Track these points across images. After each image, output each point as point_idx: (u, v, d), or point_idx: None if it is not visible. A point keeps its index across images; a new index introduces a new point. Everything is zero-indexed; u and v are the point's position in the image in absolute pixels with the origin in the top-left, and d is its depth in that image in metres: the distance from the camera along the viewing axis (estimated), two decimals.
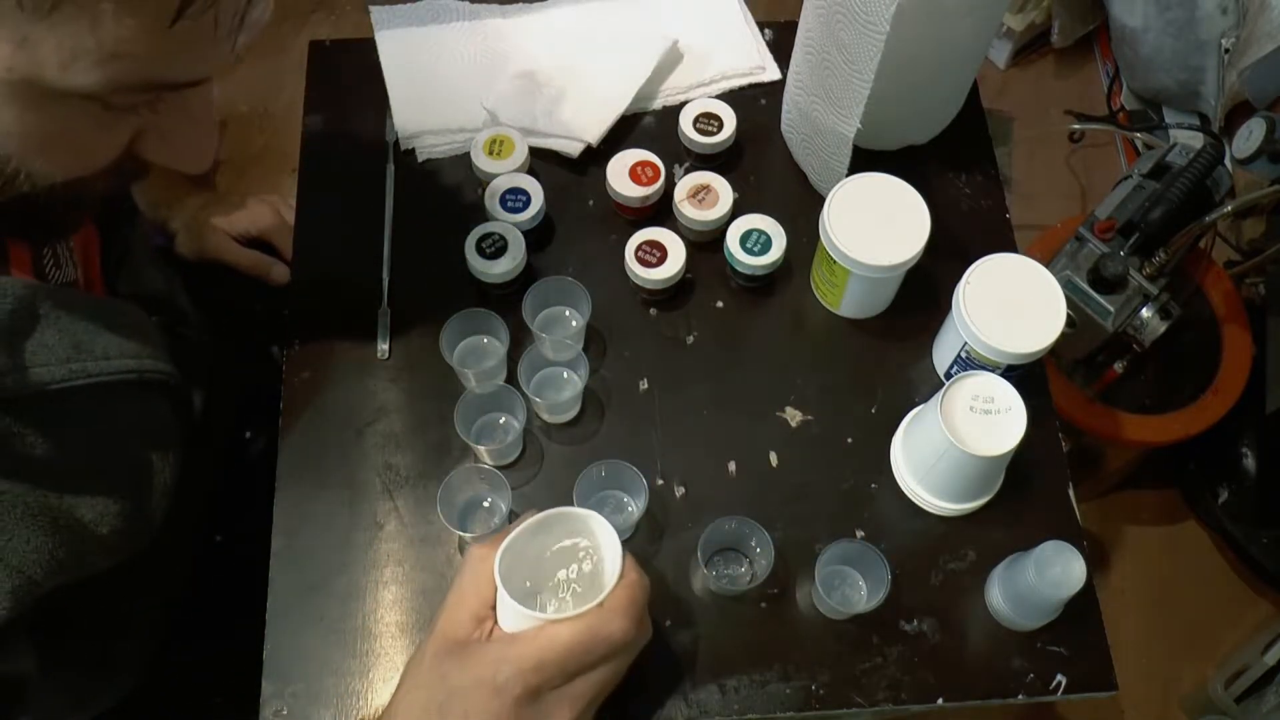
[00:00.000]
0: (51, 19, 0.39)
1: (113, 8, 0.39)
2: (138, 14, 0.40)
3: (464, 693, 0.54)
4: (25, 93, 0.42)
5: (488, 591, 0.57)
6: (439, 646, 0.56)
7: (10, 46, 0.40)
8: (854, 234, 0.72)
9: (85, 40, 0.40)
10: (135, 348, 0.59)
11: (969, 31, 0.75)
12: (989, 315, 0.69)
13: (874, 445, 0.75)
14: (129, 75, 0.43)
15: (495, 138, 0.82)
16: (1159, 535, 1.59)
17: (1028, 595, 0.65)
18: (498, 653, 0.55)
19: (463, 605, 0.57)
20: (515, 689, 0.53)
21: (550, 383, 0.76)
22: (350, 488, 0.73)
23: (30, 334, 0.53)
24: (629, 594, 0.56)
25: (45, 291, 0.55)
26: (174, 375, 0.63)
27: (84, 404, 0.56)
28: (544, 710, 0.55)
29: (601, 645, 0.55)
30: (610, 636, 0.55)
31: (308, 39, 0.93)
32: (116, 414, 0.59)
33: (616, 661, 0.57)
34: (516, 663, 0.54)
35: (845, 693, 0.67)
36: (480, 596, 0.57)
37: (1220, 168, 1.18)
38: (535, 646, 0.54)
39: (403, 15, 0.92)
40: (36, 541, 0.52)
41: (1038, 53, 1.96)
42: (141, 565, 0.66)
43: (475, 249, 0.77)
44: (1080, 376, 1.38)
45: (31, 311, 0.53)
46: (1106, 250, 1.20)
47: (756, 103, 0.90)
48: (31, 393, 0.52)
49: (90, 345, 0.56)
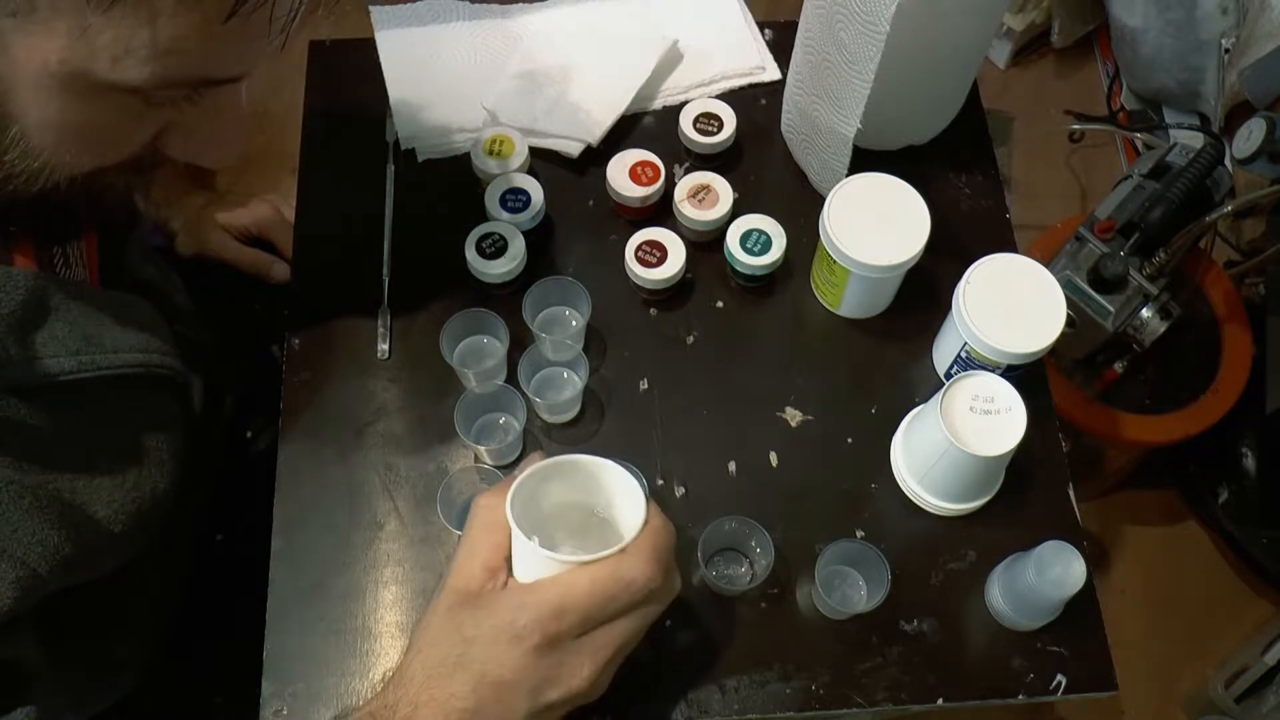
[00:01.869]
0: (112, 12, 0.39)
1: (173, 3, 0.39)
2: (196, 9, 0.40)
3: (481, 643, 0.52)
4: (73, 86, 0.42)
5: (500, 538, 0.55)
6: (452, 600, 0.54)
7: (67, 39, 0.40)
8: (854, 234, 0.72)
9: (140, 35, 0.40)
10: (144, 342, 0.60)
11: (969, 31, 0.75)
12: (989, 315, 0.69)
13: (874, 445, 0.75)
14: (178, 71, 0.43)
15: (495, 138, 0.82)
16: (1159, 535, 1.59)
17: (1028, 595, 0.65)
18: (515, 600, 0.52)
19: (474, 556, 0.55)
20: (534, 636, 0.51)
21: (550, 383, 0.76)
22: (350, 488, 0.73)
23: (41, 326, 0.53)
24: (653, 540, 0.53)
25: (56, 284, 0.55)
26: (180, 371, 0.63)
27: (92, 396, 0.56)
28: (564, 660, 0.52)
29: (625, 592, 0.52)
30: (634, 582, 0.52)
31: (308, 39, 0.93)
32: (124, 407, 0.59)
33: (641, 612, 0.54)
34: (535, 609, 0.51)
35: (845, 693, 0.67)
36: (492, 544, 0.55)
37: (1220, 168, 1.18)
38: (555, 592, 0.52)
39: (403, 15, 0.92)
40: (42, 535, 0.52)
41: (1038, 53, 1.96)
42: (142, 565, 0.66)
43: (475, 249, 0.77)
44: (1080, 376, 1.38)
45: (42, 303, 0.53)
46: (1106, 250, 1.20)
47: (756, 103, 0.90)
48: (41, 383, 0.52)
49: (100, 338, 0.56)
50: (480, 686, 0.51)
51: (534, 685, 0.52)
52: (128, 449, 0.60)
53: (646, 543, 0.53)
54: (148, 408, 0.62)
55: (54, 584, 0.55)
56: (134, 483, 0.60)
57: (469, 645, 0.52)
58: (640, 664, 0.67)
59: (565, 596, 0.51)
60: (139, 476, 0.60)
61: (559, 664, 0.52)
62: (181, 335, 0.75)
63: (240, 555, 0.76)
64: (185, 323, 0.79)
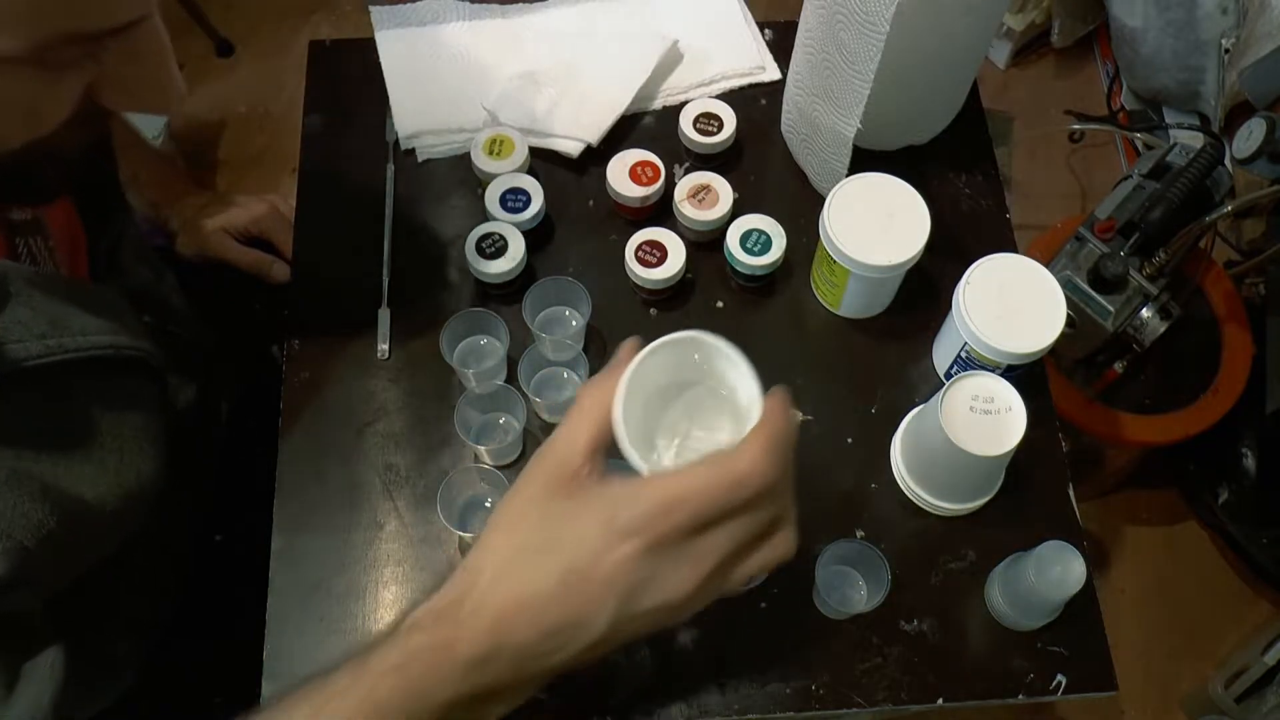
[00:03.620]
0: None
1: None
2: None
3: (574, 534, 0.46)
4: None
5: (604, 427, 0.48)
6: (541, 484, 0.48)
7: None
8: (854, 234, 0.72)
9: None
10: (111, 325, 0.59)
11: (969, 31, 0.75)
12: (989, 315, 0.69)
13: (874, 445, 0.75)
14: (52, 30, 0.42)
15: (495, 138, 0.82)
16: (1159, 535, 1.59)
17: (1028, 595, 0.65)
18: (618, 492, 0.46)
19: (574, 441, 0.48)
20: (637, 535, 0.45)
21: (550, 383, 0.76)
22: (350, 488, 0.73)
23: (1, 310, 0.52)
24: (769, 431, 0.47)
25: (16, 270, 0.54)
26: (153, 354, 0.63)
27: (63, 380, 0.56)
28: (665, 570, 0.46)
29: (740, 490, 0.45)
30: (749, 481, 0.45)
31: (308, 39, 0.93)
32: (97, 391, 0.59)
33: (754, 516, 0.47)
34: (642, 504, 0.45)
35: (845, 693, 0.67)
36: (594, 431, 0.48)
37: (1220, 168, 1.18)
38: (662, 488, 0.45)
39: (403, 15, 0.92)
40: (24, 507, 0.52)
41: (1038, 53, 1.96)
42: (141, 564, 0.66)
43: (475, 249, 0.77)
44: (1080, 376, 1.38)
45: (2, 288, 0.53)
46: (1106, 250, 1.20)
47: (756, 103, 0.90)
48: (8, 369, 0.52)
49: (66, 322, 0.55)
50: (568, 576, 0.46)
51: (629, 588, 0.46)
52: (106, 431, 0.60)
53: (762, 434, 0.46)
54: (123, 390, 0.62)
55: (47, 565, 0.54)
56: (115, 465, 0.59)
57: (560, 532, 0.47)
58: (640, 664, 0.67)
59: (673, 493, 0.45)
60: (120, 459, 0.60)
61: (659, 569, 0.46)
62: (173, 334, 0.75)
63: (240, 555, 0.76)
64: (180, 323, 0.79)
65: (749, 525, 0.47)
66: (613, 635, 0.47)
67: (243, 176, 1.83)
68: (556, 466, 0.48)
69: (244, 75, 1.94)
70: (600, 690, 0.66)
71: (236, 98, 1.91)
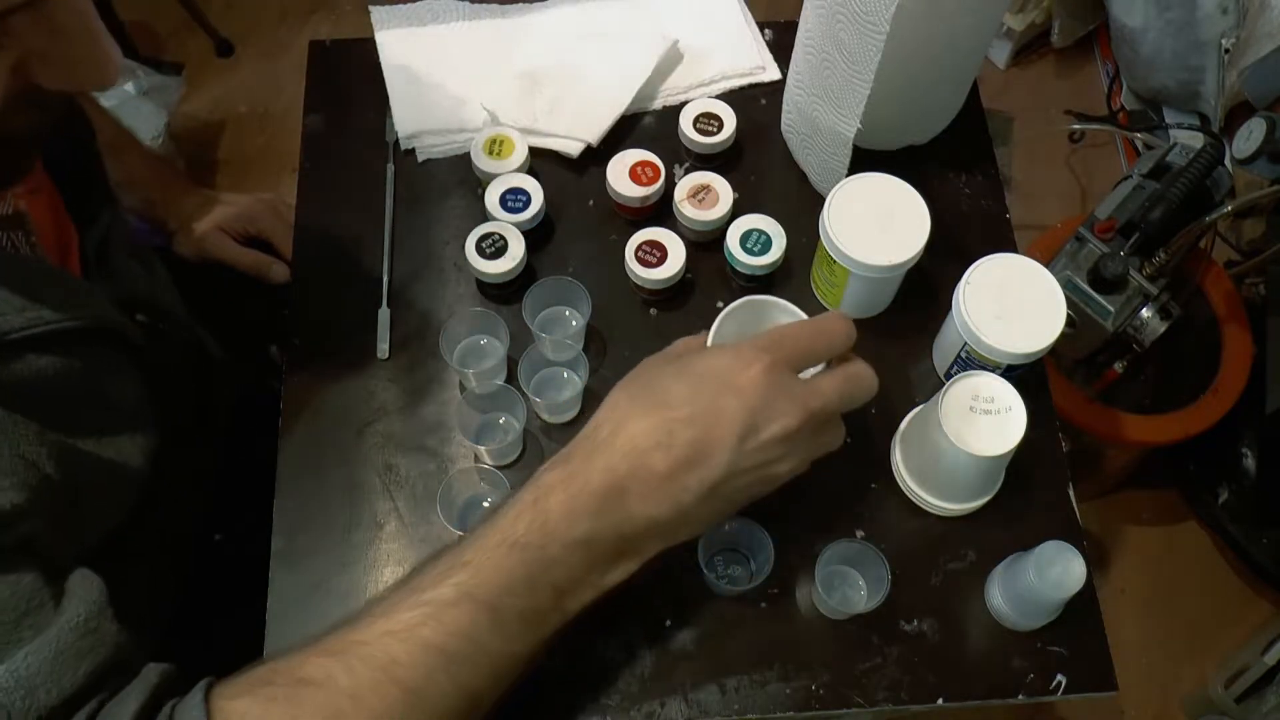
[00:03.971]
0: None
1: None
2: None
3: (701, 362, 0.54)
4: None
5: None
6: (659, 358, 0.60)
7: None
8: (854, 234, 0.72)
9: None
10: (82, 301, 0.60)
11: (969, 31, 0.75)
12: (989, 315, 0.69)
13: (874, 445, 0.75)
14: None
15: (495, 138, 0.82)
16: (1159, 535, 1.59)
17: (1028, 595, 0.65)
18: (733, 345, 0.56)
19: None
20: (764, 356, 0.53)
21: (550, 383, 0.76)
22: (350, 488, 0.73)
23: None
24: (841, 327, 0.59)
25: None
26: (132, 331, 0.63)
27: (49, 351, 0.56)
28: (781, 394, 0.53)
29: (828, 338, 0.57)
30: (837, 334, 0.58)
31: (308, 39, 0.93)
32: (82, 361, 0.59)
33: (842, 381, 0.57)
34: (763, 338, 0.55)
35: (845, 693, 0.67)
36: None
37: (1220, 168, 1.18)
38: (776, 329, 0.57)
39: (403, 15, 0.92)
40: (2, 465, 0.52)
41: (1038, 53, 1.96)
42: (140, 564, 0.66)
43: (475, 249, 0.77)
44: (1080, 376, 1.38)
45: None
46: (1106, 250, 1.20)
47: (756, 103, 0.90)
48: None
49: (41, 296, 0.56)
50: (701, 385, 0.53)
51: (754, 406, 0.53)
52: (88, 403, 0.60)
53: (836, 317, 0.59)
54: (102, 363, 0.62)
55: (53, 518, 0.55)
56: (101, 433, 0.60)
57: (688, 362, 0.55)
58: (640, 663, 0.67)
59: (784, 329, 0.56)
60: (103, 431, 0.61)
61: (777, 396, 0.53)
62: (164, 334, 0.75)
63: (240, 555, 0.76)
64: (173, 322, 0.78)
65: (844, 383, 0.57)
66: (727, 482, 0.53)
67: (243, 176, 1.84)
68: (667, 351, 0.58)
69: (244, 75, 1.94)
70: (600, 690, 0.66)
71: (236, 98, 1.91)
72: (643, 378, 0.56)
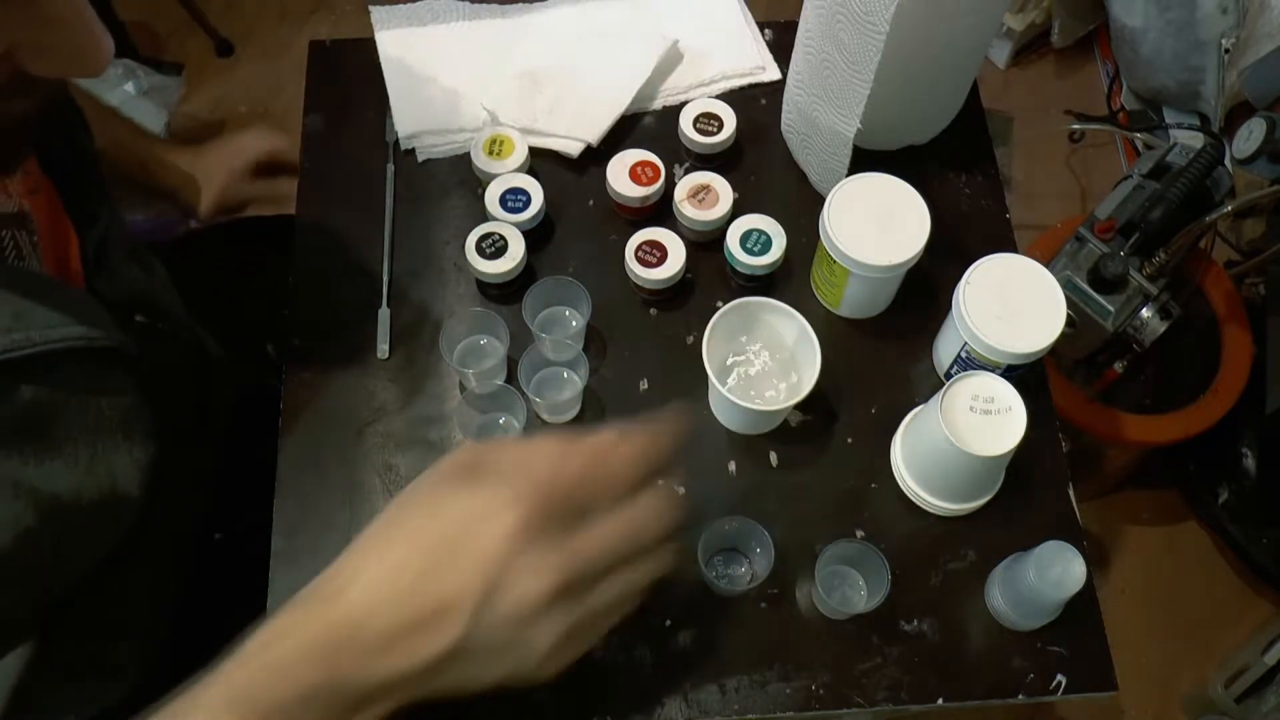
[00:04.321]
0: None
1: None
2: None
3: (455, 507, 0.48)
4: None
5: None
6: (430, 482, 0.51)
7: None
8: (854, 234, 0.72)
9: None
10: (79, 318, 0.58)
11: (969, 31, 0.75)
12: (989, 315, 0.69)
13: (874, 445, 0.75)
14: None
15: (495, 138, 0.82)
16: (1159, 535, 1.59)
17: (1028, 595, 0.65)
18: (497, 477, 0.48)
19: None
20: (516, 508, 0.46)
21: (550, 383, 0.76)
22: (350, 488, 0.73)
23: None
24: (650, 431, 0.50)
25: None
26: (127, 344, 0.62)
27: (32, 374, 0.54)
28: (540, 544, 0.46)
29: (605, 469, 0.48)
30: (617, 459, 0.49)
31: (308, 39, 0.93)
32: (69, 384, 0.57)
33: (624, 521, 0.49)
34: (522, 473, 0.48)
35: (845, 693, 0.67)
36: None
37: (1220, 168, 1.18)
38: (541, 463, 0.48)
39: (403, 15, 0.92)
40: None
41: (1038, 53, 1.96)
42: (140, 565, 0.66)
43: (475, 249, 0.77)
44: (1080, 376, 1.38)
45: None
46: (1106, 250, 1.20)
47: (756, 103, 0.90)
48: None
49: (31, 316, 0.54)
50: (444, 535, 0.47)
51: (490, 575, 0.46)
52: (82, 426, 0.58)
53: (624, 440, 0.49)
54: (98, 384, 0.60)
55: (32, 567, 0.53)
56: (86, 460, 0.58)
57: (441, 500, 0.49)
58: (640, 664, 0.67)
59: (550, 466, 0.48)
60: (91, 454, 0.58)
61: (525, 557, 0.46)
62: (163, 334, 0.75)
63: (240, 555, 0.76)
64: (173, 322, 0.78)
65: (606, 537, 0.47)
66: (473, 651, 0.46)
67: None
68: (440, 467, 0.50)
69: (244, 75, 1.94)
70: (600, 690, 0.66)
71: (236, 98, 1.91)
72: (397, 517, 0.49)
